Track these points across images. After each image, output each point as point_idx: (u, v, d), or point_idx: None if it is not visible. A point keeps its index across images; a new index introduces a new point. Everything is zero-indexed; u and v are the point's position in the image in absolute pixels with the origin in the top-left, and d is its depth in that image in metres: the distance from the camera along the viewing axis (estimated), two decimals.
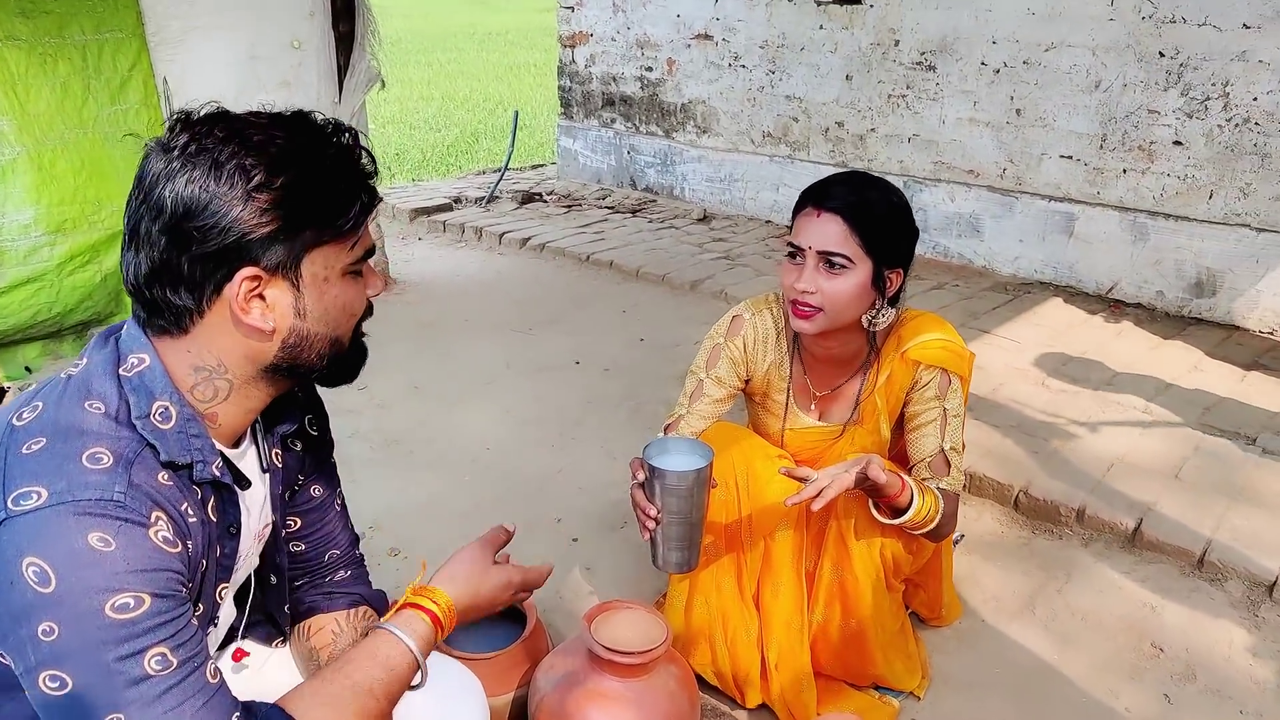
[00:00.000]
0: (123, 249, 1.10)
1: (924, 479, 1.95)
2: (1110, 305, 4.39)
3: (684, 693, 1.89)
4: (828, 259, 1.79)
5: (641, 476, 1.75)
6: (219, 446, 1.16)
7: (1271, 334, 4.04)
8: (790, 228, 1.89)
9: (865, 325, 1.90)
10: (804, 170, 5.54)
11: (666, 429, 2.09)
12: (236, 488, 1.20)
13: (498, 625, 2.22)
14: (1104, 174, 4.40)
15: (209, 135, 1.06)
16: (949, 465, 1.94)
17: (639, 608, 1.93)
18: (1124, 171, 4.35)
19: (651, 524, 1.75)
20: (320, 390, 1.45)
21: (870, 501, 1.86)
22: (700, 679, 2.09)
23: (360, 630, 1.47)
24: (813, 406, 2.06)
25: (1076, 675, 2.19)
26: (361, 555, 1.60)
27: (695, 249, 5.31)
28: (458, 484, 3.05)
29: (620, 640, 1.85)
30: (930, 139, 5.01)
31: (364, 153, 1.16)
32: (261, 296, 1.09)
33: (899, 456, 2.13)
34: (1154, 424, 3.19)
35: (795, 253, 1.83)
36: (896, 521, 1.84)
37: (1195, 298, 4.23)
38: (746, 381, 2.09)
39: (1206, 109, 4.04)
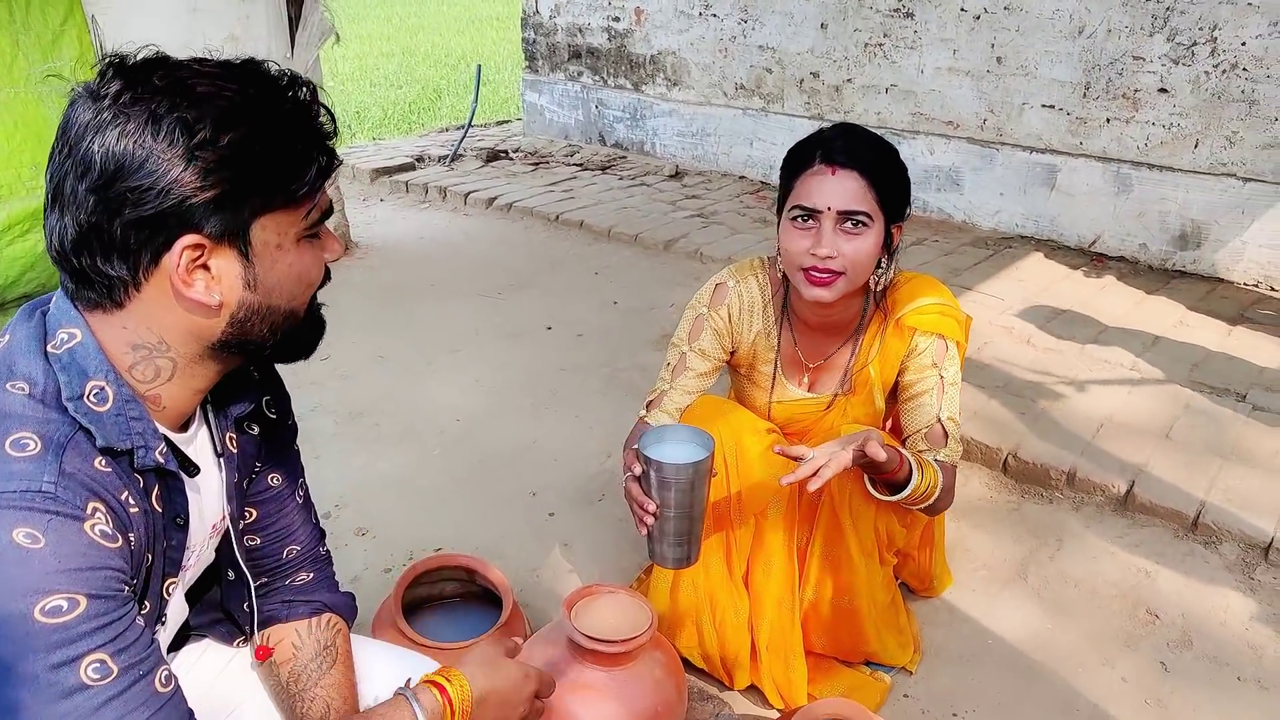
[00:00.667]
0: (45, 210, 0.96)
1: (920, 451, 1.85)
2: (1093, 259, 4.31)
3: (670, 680, 1.80)
4: (849, 218, 1.67)
5: (638, 469, 1.62)
6: (163, 430, 1.03)
7: (1256, 286, 3.98)
8: (781, 188, 1.76)
9: (872, 285, 1.79)
10: (778, 124, 5.39)
11: (649, 405, 1.97)
12: (183, 474, 1.07)
13: (472, 612, 2.12)
14: (1087, 124, 4.30)
15: (146, 83, 0.92)
16: (946, 436, 1.85)
17: (621, 592, 1.82)
18: (1107, 121, 4.24)
19: (650, 519, 1.64)
20: (279, 365, 1.31)
21: (866, 478, 1.77)
22: (686, 662, 2.01)
23: (323, 642, 1.35)
24: (804, 378, 1.95)
25: (1071, 645, 2.13)
26: (327, 553, 1.46)
27: (668, 207, 5.16)
28: (427, 458, 2.92)
29: (603, 628, 1.74)
30: (908, 89, 4.87)
31: (322, 109, 1.03)
32: (206, 267, 0.96)
33: (893, 428, 2.03)
34: (1142, 382, 3.12)
35: (806, 215, 1.69)
36: (894, 499, 1.75)
37: (1179, 250, 4.16)
38: (732, 353, 1.97)
39: (1193, 55, 3.94)
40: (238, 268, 0.98)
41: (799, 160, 1.72)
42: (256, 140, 0.95)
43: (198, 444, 1.14)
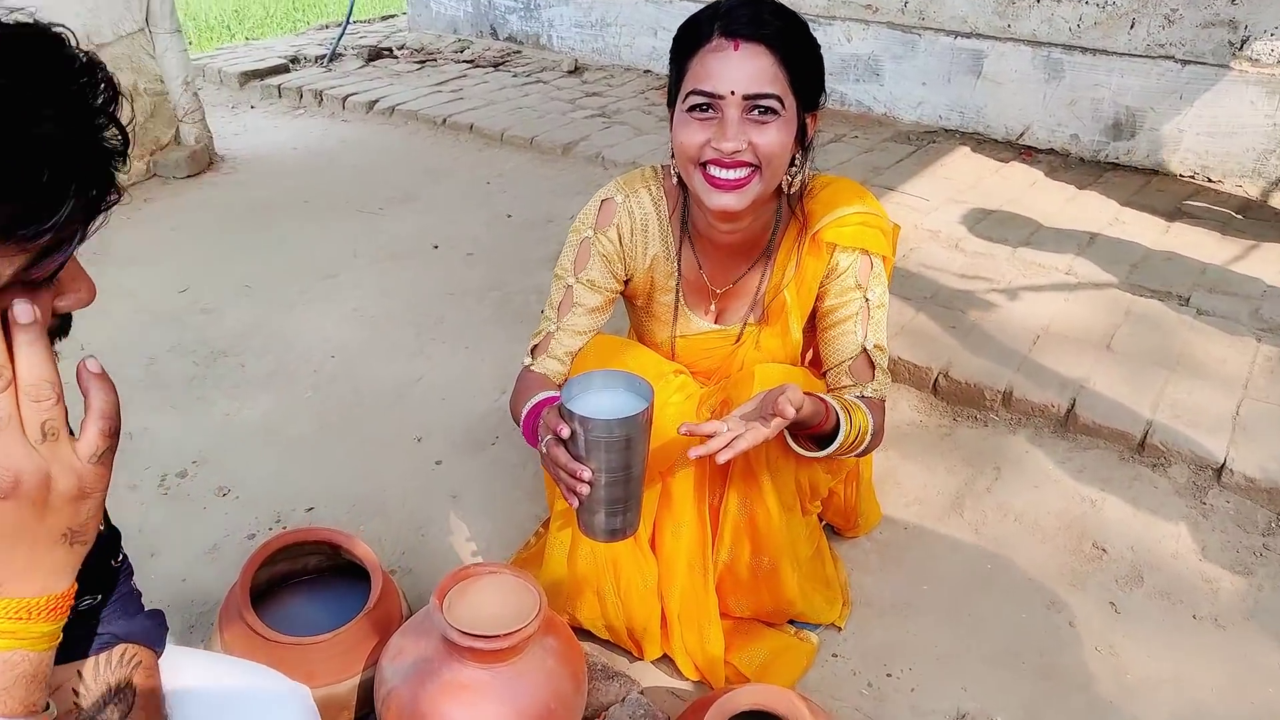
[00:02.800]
0: None
1: (844, 387, 1.59)
2: (1021, 152, 4.06)
3: (565, 669, 1.53)
4: (758, 103, 1.35)
5: (565, 430, 1.29)
6: None
7: (1193, 178, 3.79)
8: (673, 73, 1.42)
9: (784, 189, 1.48)
10: (684, 10, 4.92)
11: (534, 350, 1.65)
12: None
13: (340, 589, 1.80)
14: (1015, 4, 3.99)
15: None
16: (873, 368, 1.59)
17: (504, 571, 1.53)
18: (1037, 1, 3.94)
19: (585, 488, 1.31)
20: (133, 297, 0.92)
21: (786, 433, 1.49)
22: (589, 634, 1.76)
23: (115, 683, 1.03)
24: (710, 307, 1.65)
25: (1013, 587, 1.93)
26: (124, 564, 1.12)
27: (567, 106, 4.73)
28: (298, 401, 2.56)
29: (481, 617, 1.47)
30: None
31: (111, 122, 0.72)
32: None
33: (813, 360, 1.75)
34: (1079, 286, 2.90)
35: (705, 103, 1.36)
36: (820, 454, 1.48)
37: (1113, 140, 3.93)
38: (626, 282, 1.65)
39: None
40: None
41: (693, 36, 1.38)
42: None
43: None
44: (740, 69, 1.33)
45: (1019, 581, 1.94)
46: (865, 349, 1.58)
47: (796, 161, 1.46)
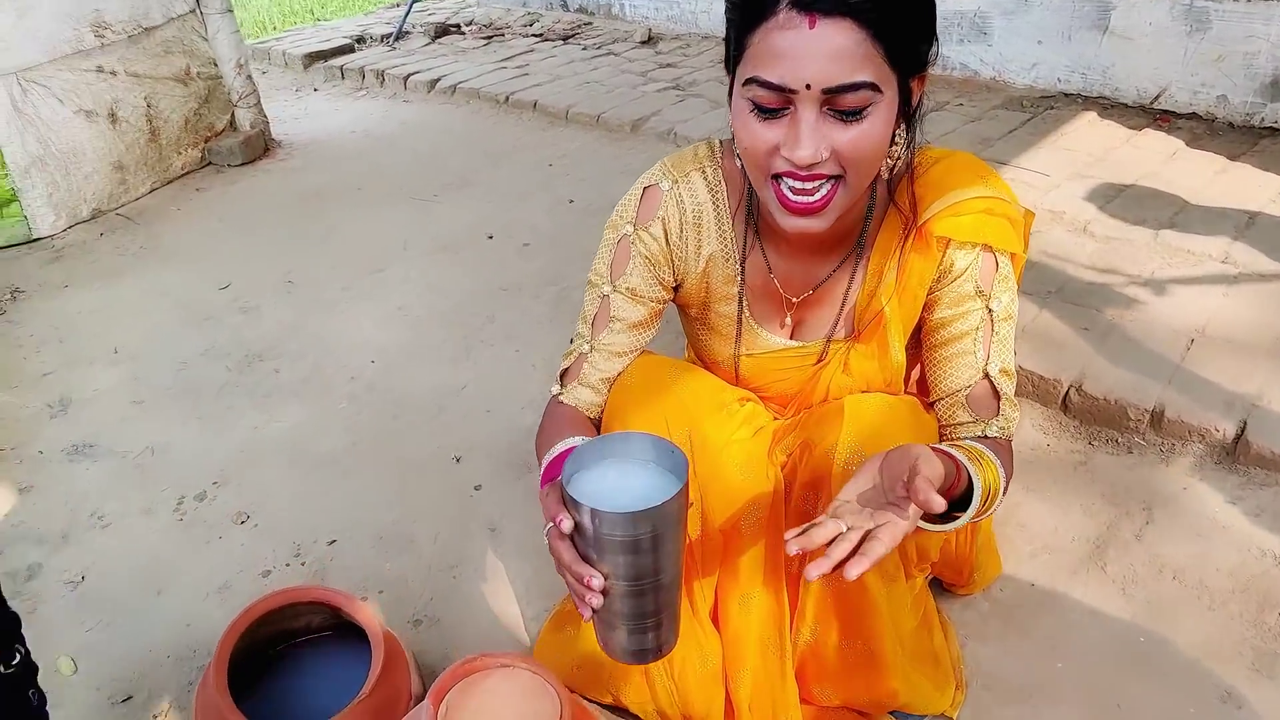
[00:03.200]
0: None
1: (959, 424, 1.22)
2: (1157, 118, 3.53)
3: None
4: (843, 96, 0.97)
5: (567, 524, 0.94)
6: None
7: None
8: (731, 42, 1.06)
9: (883, 172, 1.11)
10: None
11: (563, 376, 1.33)
12: None
13: (346, 653, 1.52)
14: None
15: None
16: (998, 398, 1.22)
17: (517, 665, 1.22)
18: None
19: (597, 599, 0.96)
20: (172, 295, 0.65)
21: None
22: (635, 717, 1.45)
23: None
24: (787, 319, 1.29)
25: (1175, 669, 1.53)
26: (39, 702, 0.86)
27: (638, 79, 4.37)
28: (331, 413, 2.31)
29: None
30: None
31: None
32: None
33: (918, 385, 1.39)
34: (1241, 278, 2.43)
35: (773, 98, 0.99)
36: (944, 528, 1.11)
37: (1270, 101, 3.37)
38: (676, 288, 1.31)
39: None
40: None
41: (754, 3, 1.00)
42: None
43: None
44: (818, 53, 0.95)
45: (1182, 662, 1.54)
46: (988, 374, 1.21)
47: (898, 138, 1.09)
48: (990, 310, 1.19)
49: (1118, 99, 3.70)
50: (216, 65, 3.86)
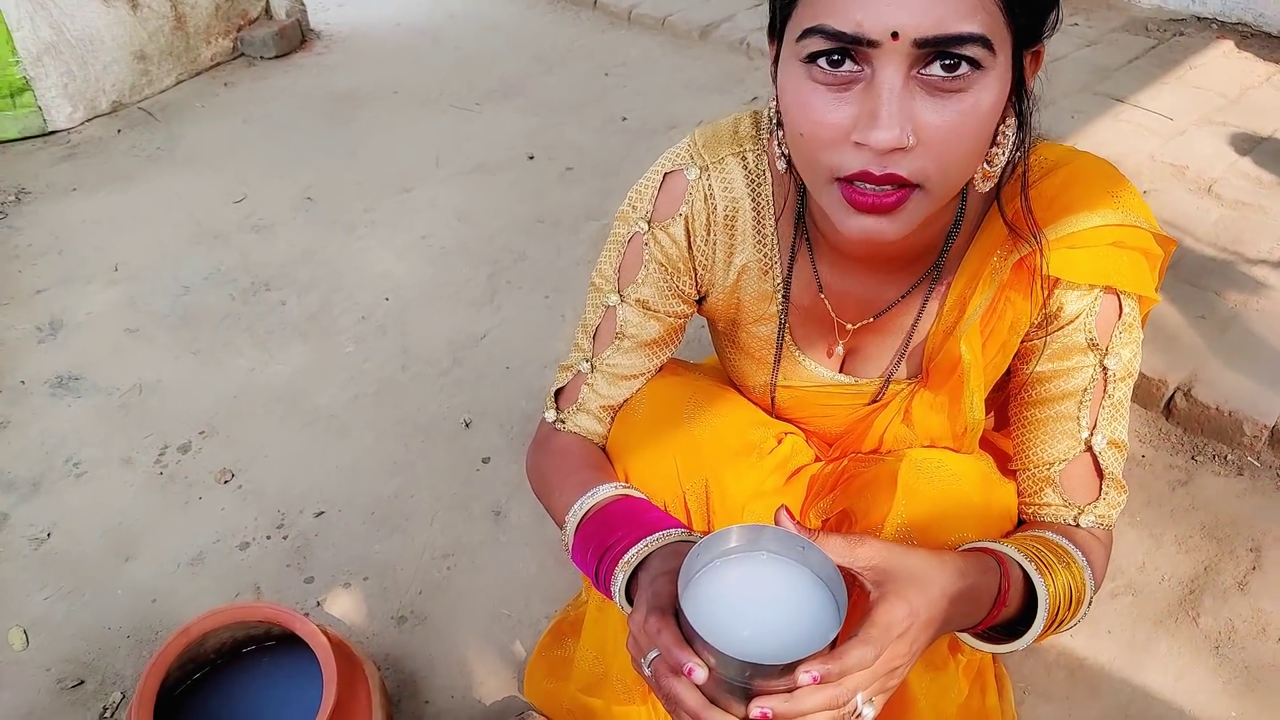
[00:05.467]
0: None
1: (1043, 506, 0.95)
2: None
3: None
4: (944, 52, 0.67)
5: (701, 674, 0.69)
6: None
7: None
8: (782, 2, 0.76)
9: (978, 179, 0.81)
10: None
11: (558, 398, 1.07)
12: None
13: (300, 669, 1.34)
14: None
15: None
16: (1100, 477, 0.93)
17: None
18: None
19: None
20: (184, 205, 0.46)
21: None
22: None
23: None
24: (838, 349, 1.01)
25: None
26: None
27: None
28: (335, 358, 2.11)
29: None
30: None
31: None
32: None
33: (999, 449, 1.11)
34: None
35: (840, 52, 0.69)
36: (995, 649, 0.86)
37: None
38: (700, 300, 1.04)
39: None
40: None
41: None
42: None
43: None
44: None
45: None
46: (1091, 447, 0.92)
47: (1003, 133, 0.78)
48: (1105, 368, 0.89)
49: (1260, 27, 3.19)
50: None
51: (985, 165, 0.79)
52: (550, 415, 1.07)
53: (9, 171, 2.86)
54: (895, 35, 0.66)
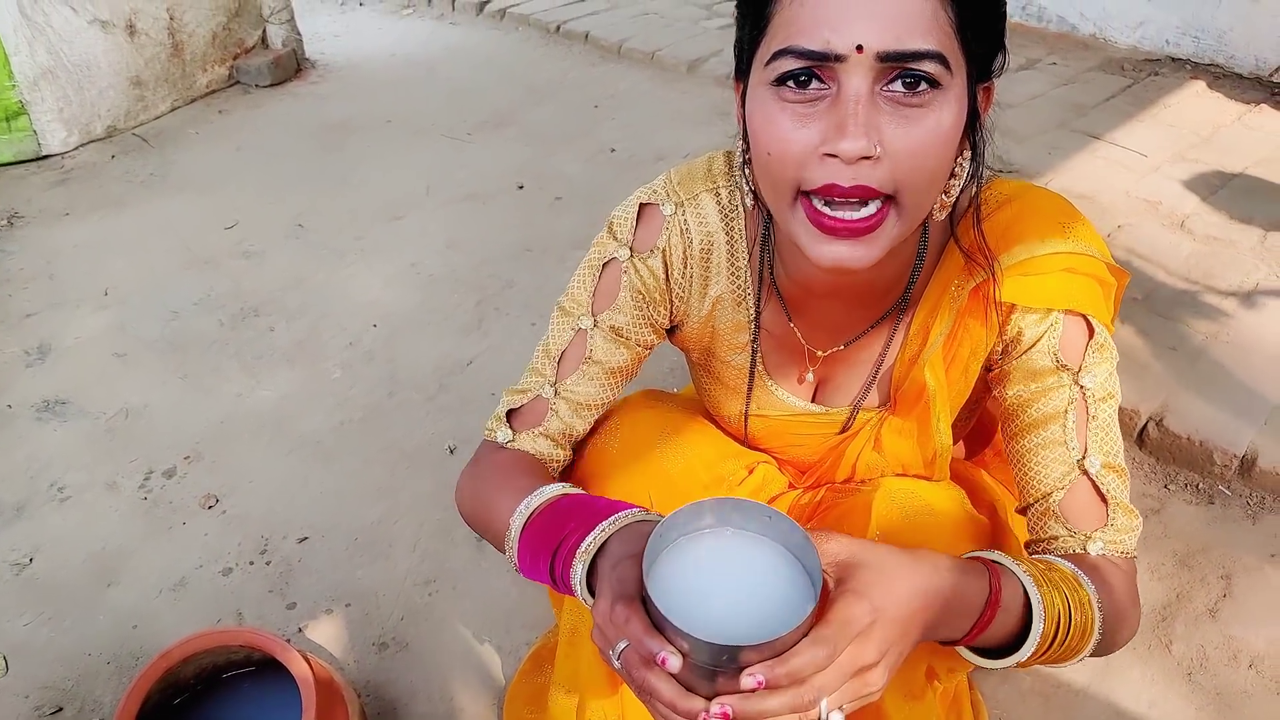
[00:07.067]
0: None
1: (1051, 539, 0.93)
2: (1275, 93, 3.13)
3: None
4: (905, 68, 0.72)
5: (675, 661, 0.66)
6: None
7: None
8: (752, 20, 0.80)
9: (935, 210, 0.84)
10: None
11: (511, 417, 1.06)
12: None
13: (283, 693, 1.34)
14: None
15: None
16: (1104, 502, 0.91)
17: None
18: None
19: None
20: (175, 232, 0.46)
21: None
22: None
23: None
24: (809, 376, 1.04)
25: None
26: None
27: (701, 12, 4.03)
28: (322, 384, 2.13)
29: None
30: None
31: None
32: None
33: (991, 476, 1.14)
34: None
35: (806, 72, 0.74)
36: (988, 664, 0.86)
37: None
38: (671, 330, 1.07)
39: None
40: None
41: None
42: None
43: None
44: (874, 3, 0.71)
45: None
46: (1087, 472, 0.91)
47: (960, 164, 0.82)
48: (1083, 387, 0.90)
49: (1231, 68, 3.28)
50: None
51: (943, 195, 0.82)
52: (503, 435, 1.03)
53: (2, 195, 2.88)
54: (860, 48, 0.70)
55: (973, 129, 0.81)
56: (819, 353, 1.01)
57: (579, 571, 0.78)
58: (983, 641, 0.81)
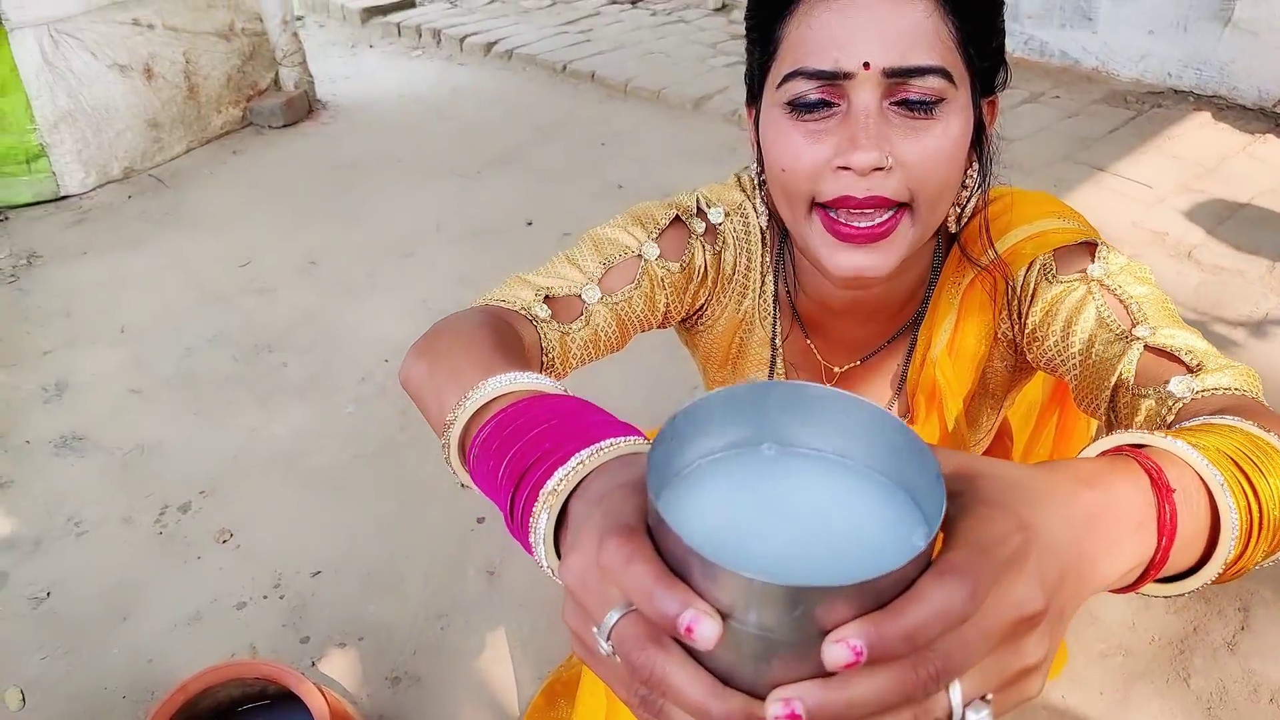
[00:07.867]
0: None
1: (1142, 421, 0.72)
2: (1279, 124, 3.16)
3: None
4: (909, 85, 0.74)
5: (711, 627, 0.36)
6: None
7: None
8: (756, 42, 0.82)
9: (949, 223, 0.86)
10: None
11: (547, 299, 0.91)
12: None
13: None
14: None
15: None
16: (1172, 357, 0.73)
17: None
18: None
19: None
20: (189, 270, 0.46)
21: None
22: None
23: None
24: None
25: None
26: None
27: (706, 50, 4.09)
28: (334, 419, 2.14)
29: None
30: None
31: None
32: None
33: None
34: None
35: (818, 94, 0.75)
36: (1169, 589, 0.52)
37: None
38: (664, 320, 0.99)
39: None
40: None
41: None
42: None
43: None
44: (878, 23, 0.73)
45: None
46: (1137, 335, 0.76)
47: (970, 175, 0.84)
48: (1095, 279, 0.83)
49: (1235, 100, 3.31)
50: (262, 21, 3.70)
51: (954, 206, 0.84)
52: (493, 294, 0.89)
53: (22, 235, 2.93)
54: (867, 65, 0.73)
55: (979, 141, 0.83)
56: (836, 369, 1.03)
57: (542, 525, 0.49)
58: (1174, 556, 0.48)
